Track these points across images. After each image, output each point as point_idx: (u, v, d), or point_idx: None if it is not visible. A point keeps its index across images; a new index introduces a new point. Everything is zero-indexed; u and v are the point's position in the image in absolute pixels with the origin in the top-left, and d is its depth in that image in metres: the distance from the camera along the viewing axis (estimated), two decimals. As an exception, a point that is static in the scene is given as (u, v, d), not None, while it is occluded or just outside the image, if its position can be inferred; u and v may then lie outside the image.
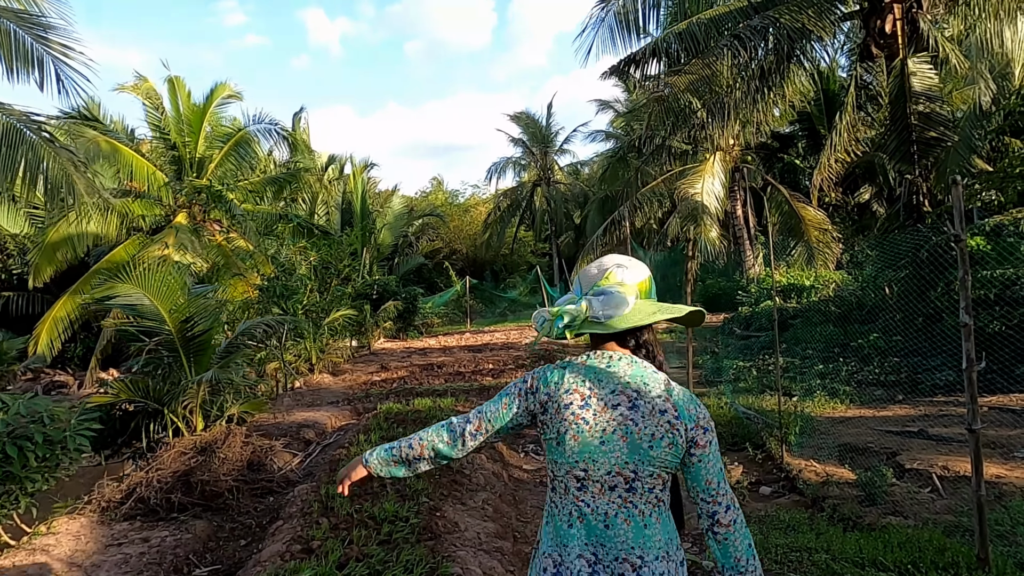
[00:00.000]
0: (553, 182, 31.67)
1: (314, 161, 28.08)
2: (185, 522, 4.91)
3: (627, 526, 1.55)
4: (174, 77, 17.81)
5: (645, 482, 1.55)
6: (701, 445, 1.56)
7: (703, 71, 10.51)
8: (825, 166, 15.51)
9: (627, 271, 1.69)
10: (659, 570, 1.53)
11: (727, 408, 7.41)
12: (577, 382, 1.62)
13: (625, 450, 1.55)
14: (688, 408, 1.58)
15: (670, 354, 11.66)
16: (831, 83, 23.89)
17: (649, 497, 1.56)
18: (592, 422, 1.58)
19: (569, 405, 1.60)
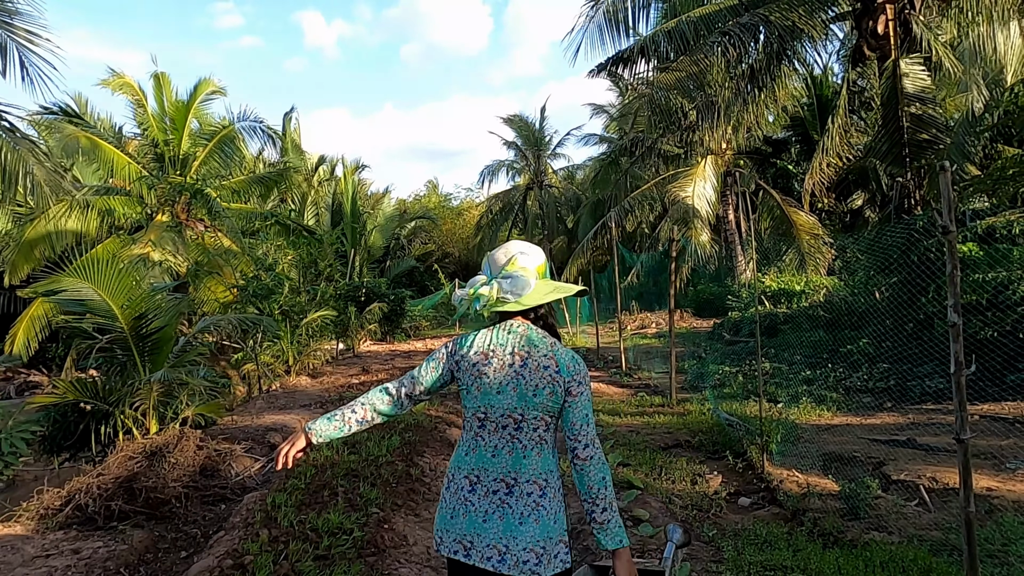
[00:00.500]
0: (546, 186, 31.41)
1: (304, 161, 27.79)
2: (123, 532, 4.58)
3: (509, 456, 1.93)
4: (159, 73, 17.52)
5: (530, 423, 1.93)
6: (574, 394, 1.94)
7: (690, 68, 10.24)
8: (817, 170, 15.29)
9: (528, 257, 2.04)
10: (528, 490, 1.90)
11: (709, 415, 7.11)
12: (483, 345, 2.00)
13: (515, 397, 1.93)
14: (568, 365, 1.95)
15: (655, 359, 11.37)
16: (825, 88, 23.68)
17: (532, 435, 1.93)
18: (492, 376, 1.96)
19: (476, 363, 1.98)
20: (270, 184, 19.18)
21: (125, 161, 16.44)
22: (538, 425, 1.94)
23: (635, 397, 8.76)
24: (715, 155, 20.10)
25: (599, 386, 9.59)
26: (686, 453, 6.15)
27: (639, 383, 9.92)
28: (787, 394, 7.93)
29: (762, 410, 5.66)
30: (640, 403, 8.31)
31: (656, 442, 6.44)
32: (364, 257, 27.88)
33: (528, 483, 1.91)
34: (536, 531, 1.88)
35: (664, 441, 6.49)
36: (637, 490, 5.07)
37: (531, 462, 1.93)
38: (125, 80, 16.64)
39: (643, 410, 7.86)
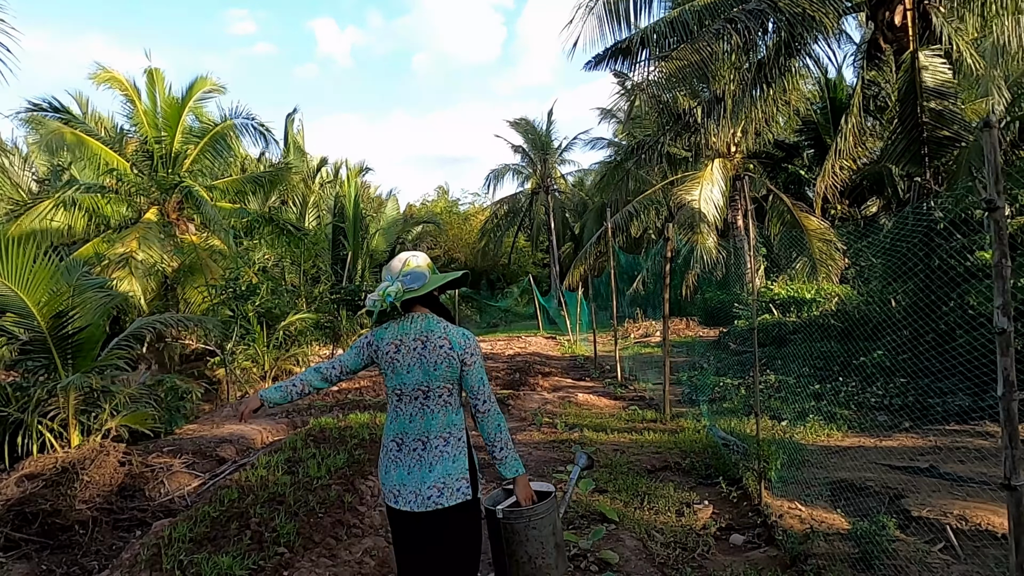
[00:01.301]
0: (553, 190, 30.70)
1: (306, 163, 27.26)
2: (2, 564, 3.90)
3: (421, 420, 2.46)
4: (153, 69, 17.00)
5: (435, 392, 2.46)
6: (468, 364, 2.47)
7: (692, 56, 9.49)
8: (829, 173, 14.47)
9: (417, 258, 2.58)
10: (435, 444, 2.44)
11: (703, 433, 6.33)
12: (393, 335, 2.50)
13: (421, 374, 2.44)
14: (459, 342, 2.47)
15: (654, 369, 10.61)
16: (838, 91, 22.83)
17: (438, 401, 2.46)
18: (402, 360, 2.46)
19: (389, 352, 2.49)
20: (265, 184, 18.61)
21: (113, 158, 15.93)
22: (442, 392, 2.45)
23: (626, 411, 8.00)
24: (723, 158, 19.31)
25: (589, 398, 8.84)
26: (675, 477, 5.39)
27: (633, 395, 9.16)
28: (793, 410, 7.14)
29: (760, 429, 4.90)
30: (631, 418, 7.55)
31: (642, 463, 5.69)
32: (366, 261, 27.25)
33: (436, 438, 2.43)
34: (439, 471, 2.39)
35: (651, 462, 5.73)
36: (611, 524, 4.32)
37: (438, 421, 2.44)
38: (113, 75, 16.14)
39: (633, 426, 7.10)
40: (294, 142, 26.71)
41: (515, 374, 11.25)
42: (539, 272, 33.55)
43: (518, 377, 10.75)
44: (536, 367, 12.16)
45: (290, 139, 26.30)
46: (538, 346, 17.72)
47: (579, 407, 8.35)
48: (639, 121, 26.08)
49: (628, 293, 23.67)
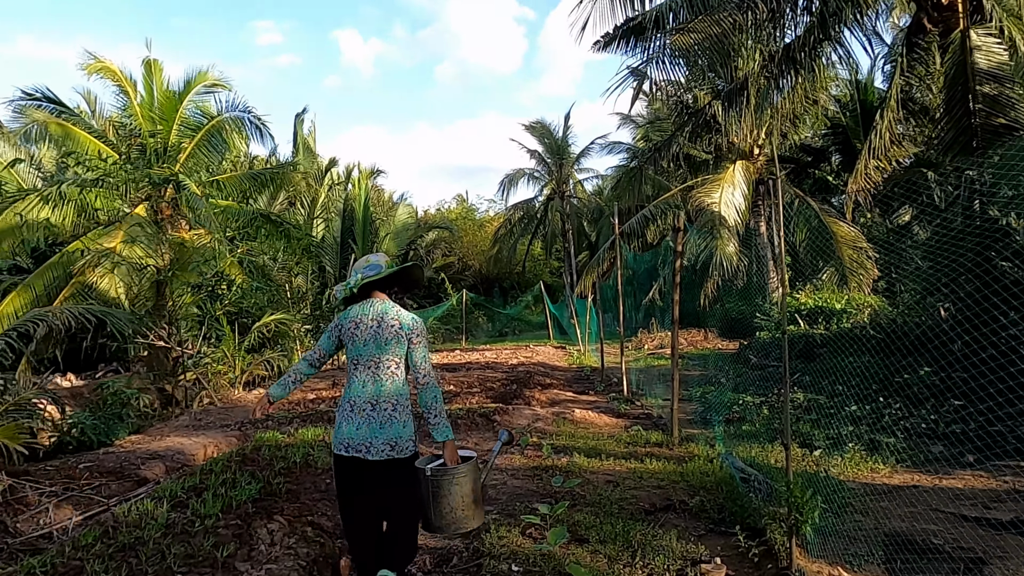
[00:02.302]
0: (568, 196, 29.55)
1: (316, 164, 26.46)
2: None
3: (373, 385, 2.94)
4: (151, 60, 16.19)
5: (385, 363, 2.95)
6: (414, 343, 2.98)
7: (711, 28, 8.34)
8: (861, 174, 13.19)
9: (378, 256, 3.18)
10: (385, 406, 2.92)
11: (717, 463, 5.14)
12: (355, 315, 3.02)
13: (374, 347, 2.95)
14: (408, 324, 2.99)
15: (656, 383, 9.41)
16: (869, 94, 21.50)
17: (387, 371, 2.95)
18: (360, 336, 2.97)
19: (350, 327, 3.00)
20: (267, 182, 17.72)
21: (103, 151, 15.13)
22: (390, 364, 2.97)
23: (628, 431, 6.81)
24: (746, 160, 18.06)
25: (587, 414, 7.67)
26: (679, 521, 4.20)
27: (639, 413, 7.97)
28: (827, 436, 5.91)
29: (791, 462, 3.71)
30: (633, 440, 6.36)
31: (640, 501, 4.51)
32: (375, 265, 26.27)
33: (385, 402, 2.94)
34: (392, 432, 2.92)
35: (651, 500, 4.55)
36: (585, 594, 3.16)
37: (386, 388, 2.95)
38: (106, 65, 15.35)
39: (634, 450, 5.92)
40: (304, 143, 25.94)
41: (511, 385, 10.11)
42: (554, 281, 32.38)
43: (513, 389, 9.61)
44: (536, 378, 11.01)
45: (299, 139, 25.54)
46: (545, 356, 16.56)
47: (574, 425, 7.19)
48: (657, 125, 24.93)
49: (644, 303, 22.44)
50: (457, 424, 7.14)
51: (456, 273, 34.16)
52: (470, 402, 8.72)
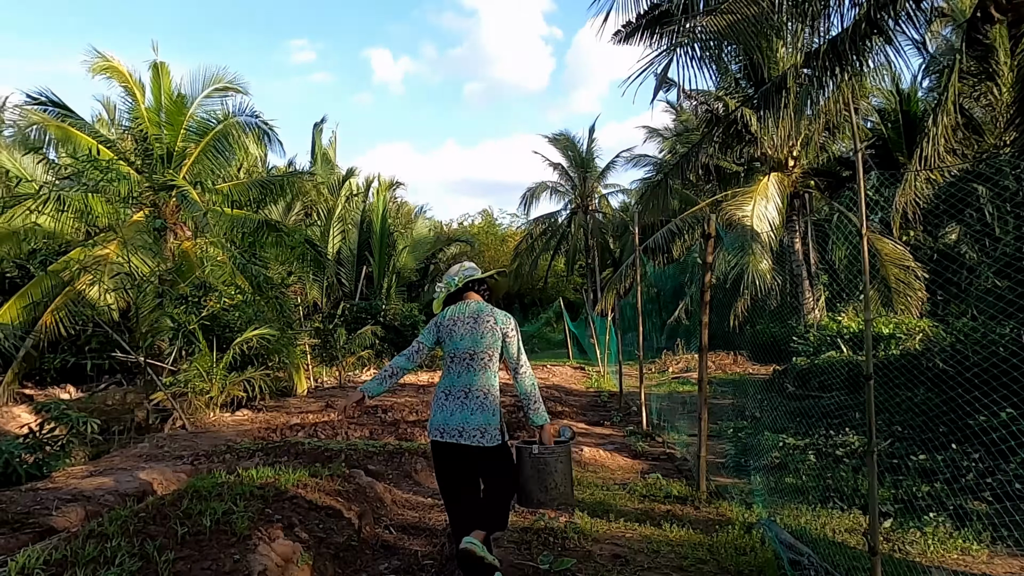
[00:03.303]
0: (592, 211, 28.44)
1: (335, 174, 25.76)
2: None
3: (468, 375, 3.27)
4: (159, 63, 15.55)
5: (479, 356, 3.27)
6: (509, 337, 3.35)
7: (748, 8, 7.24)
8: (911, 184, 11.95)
9: (471, 263, 3.65)
10: (478, 394, 3.24)
11: (756, 535, 3.96)
12: (453, 313, 3.36)
13: (470, 341, 3.27)
14: (501, 320, 3.36)
15: (680, 414, 8.21)
16: (912, 104, 20.11)
17: (480, 363, 3.27)
18: (458, 331, 3.30)
19: (448, 324, 3.34)
20: (275, 190, 16.94)
21: (106, 155, 14.46)
22: (484, 357, 3.28)
23: (646, 478, 5.64)
24: (780, 173, 16.79)
25: (598, 453, 6.51)
26: (708, 627, 3.06)
27: (659, 452, 6.79)
28: (894, 496, 4.68)
29: (877, 549, 2.54)
30: (649, 491, 5.19)
31: (655, 590, 3.37)
32: (393, 278, 25.43)
33: (477, 391, 3.24)
34: (481, 419, 3.22)
35: (670, 589, 3.41)
36: None
37: (479, 379, 3.26)
38: (113, 65, 14.73)
39: (651, 507, 4.76)
40: (322, 153, 25.27)
41: (518, 413, 8.99)
42: (576, 298, 31.20)
43: (520, 417, 8.49)
44: (547, 405, 9.84)
45: (317, 149, 24.88)
46: (562, 377, 15.40)
47: (582, 467, 6.05)
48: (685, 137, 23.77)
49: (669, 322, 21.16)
50: (444, 463, 6.05)
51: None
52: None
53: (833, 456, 5.67)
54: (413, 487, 5.64)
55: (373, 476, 5.76)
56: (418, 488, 5.60)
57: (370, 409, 9.33)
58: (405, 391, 12.42)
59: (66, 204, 14.25)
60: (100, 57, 14.53)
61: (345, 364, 13.44)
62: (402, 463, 5.99)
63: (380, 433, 7.67)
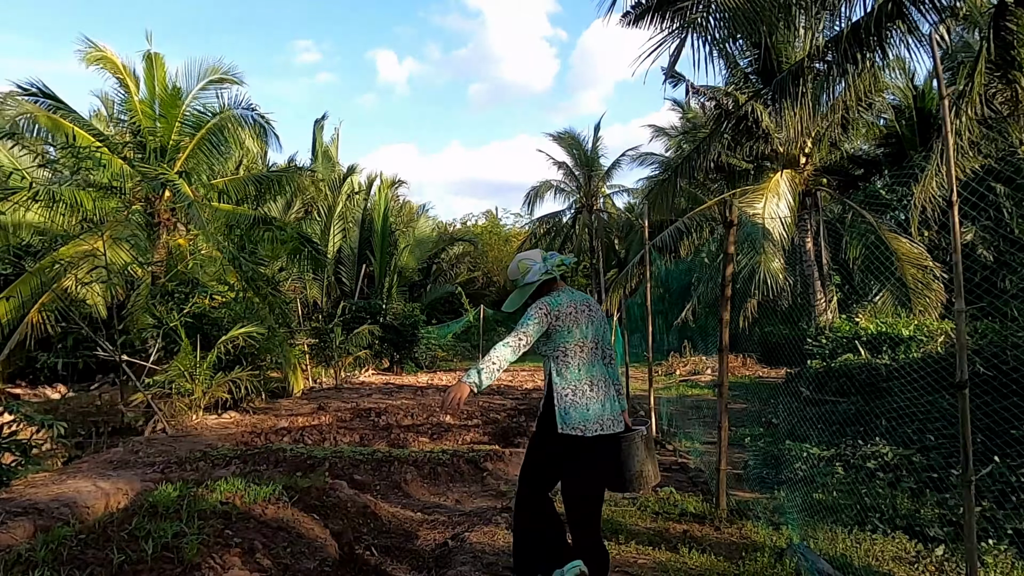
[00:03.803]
0: (597, 211, 27.89)
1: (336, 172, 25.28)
2: None
3: (595, 365, 3.08)
4: (153, 54, 15.08)
5: (600, 344, 3.15)
6: (608, 326, 3.27)
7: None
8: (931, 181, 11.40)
9: (529, 251, 3.31)
10: (612, 383, 3.16)
11: (789, 565, 3.41)
12: (569, 300, 3.06)
13: (592, 330, 3.09)
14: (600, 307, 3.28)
15: (693, 420, 7.67)
16: (927, 101, 19.56)
17: (598, 352, 3.12)
18: (581, 320, 3.05)
19: (570, 312, 3.03)
20: (272, 186, 16.47)
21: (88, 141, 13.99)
22: (600, 344, 3.15)
23: (657, 492, 5.10)
24: (791, 170, 16.23)
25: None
26: None
27: (671, 461, 6.25)
28: (941, 518, 4.14)
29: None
30: (663, 508, 4.65)
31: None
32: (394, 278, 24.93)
33: (603, 378, 3.10)
34: (618, 406, 3.13)
35: (692, 631, 2.88)
36: None
37: (600, 367, 3.12)
38: (105, 55, 14.28)
39: (665, 527, 4.22)
40: (323, 150, 24.80)
41: (519, 417, 8.48)
42: (581, 299, 30.63)
43: (520, 422, 7.98)
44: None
45: (318, 145, 24.41)
46: (566, 379, 14.84)
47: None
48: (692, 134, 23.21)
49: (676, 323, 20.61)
50: (436, 472, 5.53)
51: (480, 288, 32.69)
52: (463, 439, 7.11)
53: (864, 469, 5.13)
54: (402, 500, 5.12)
55: (358, 487, 5.25)
56: (407, 501, 5.09)
57: (363, 412, 8.82)
58: (403, 392, 11.91)
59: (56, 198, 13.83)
60: (93, 47, 14.08)
61: (342, 364, 12.92)
62: (391, 473, 5.47)
63: (371, 438, 7.16)
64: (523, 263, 3.16)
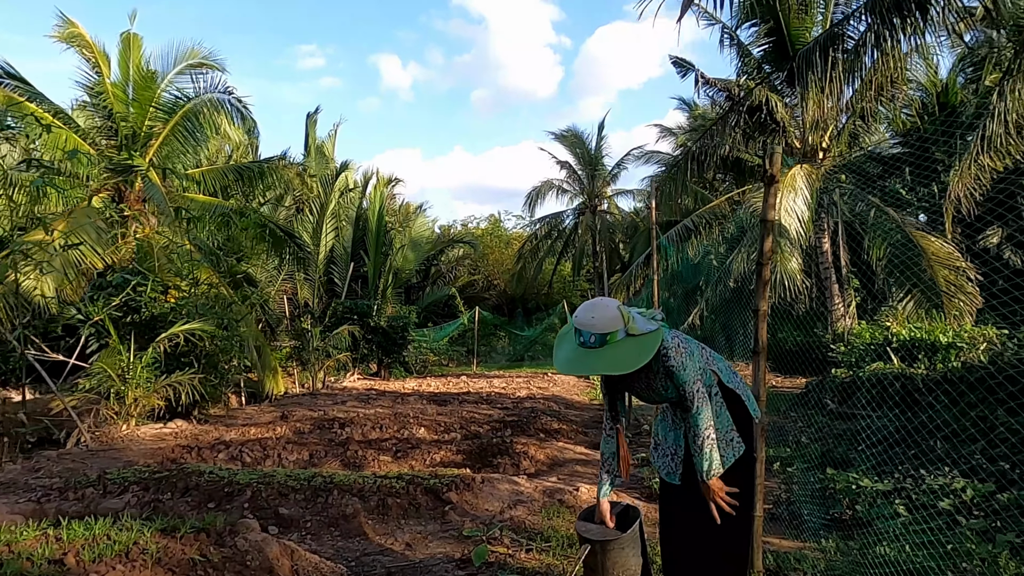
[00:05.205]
0: (600, 212, 26.71)
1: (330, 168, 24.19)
2: None
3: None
4: (131, 34, 14.02)
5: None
6: None
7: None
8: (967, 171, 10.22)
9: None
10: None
11: None
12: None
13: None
14: None
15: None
16: (951, 95, 18.34)
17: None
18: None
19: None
20: (253, 178, 15.36)
21: (63, 133, 12.94)
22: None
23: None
24: (808, 166, 15.02)
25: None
26: None
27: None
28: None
29: None
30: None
31: None
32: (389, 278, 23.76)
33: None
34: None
35: None
36: None
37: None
38: (78, 31, 13.23)
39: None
40: (317, 145, 23.72)
41: (504, 431, 7.28)
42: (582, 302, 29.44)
43: (503, 438, 6.78)
44: (542, 420, 8.14)
45: (311, 140, 23.33)
46: (564, 387, 13.67)
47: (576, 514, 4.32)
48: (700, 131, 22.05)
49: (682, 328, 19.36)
50: (386, 504, 4.35)
51: (479, 292, 31.54)
52: (432, 458, 5.92)
53: (935, 509, 3.91)
54: (337, 542, 3.94)
55: (283, 524, 4.07)
56: (342, 545, 3.90)
57: (326, 423, 7.64)
58: (382, 399, 10.73)
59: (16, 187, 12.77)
60: (67, 23, 13.06)
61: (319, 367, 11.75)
62: (329, 504, 4.28)
63: (323, 455, 5.97)
64: (620, 309, 2.44)
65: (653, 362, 2.42)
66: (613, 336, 2.34)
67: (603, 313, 2.38)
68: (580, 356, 2.37)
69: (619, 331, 2.35)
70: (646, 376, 2.51)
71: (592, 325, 2.34)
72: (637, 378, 2.54)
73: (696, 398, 2.39)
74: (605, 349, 2.34)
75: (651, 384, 2.53)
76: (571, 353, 2.42)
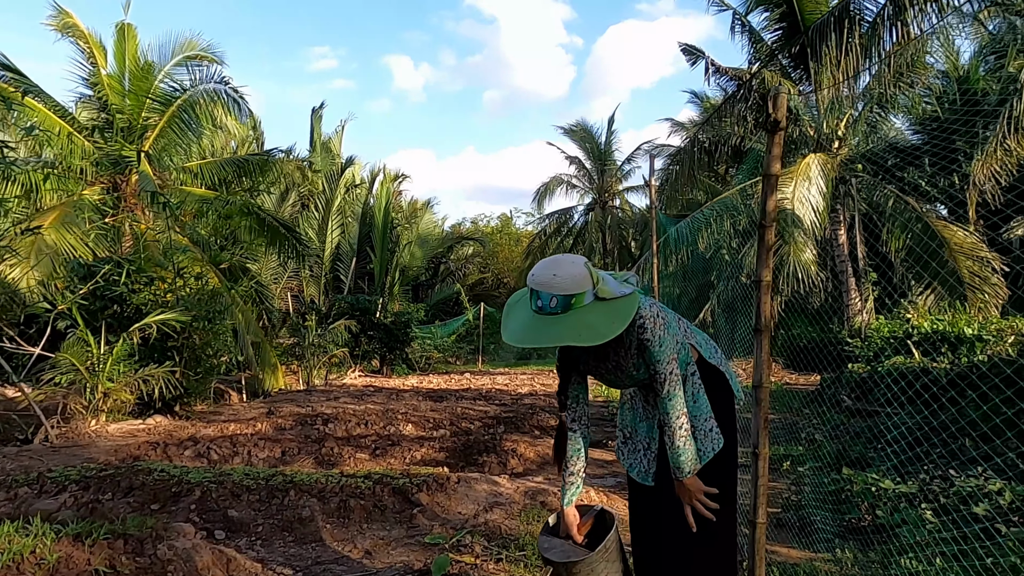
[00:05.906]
0: (610, 207, 26.18)
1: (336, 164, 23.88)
2: None
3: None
4: (126, 24, 13.78)
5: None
6: None
7: None
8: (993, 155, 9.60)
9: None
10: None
11: None
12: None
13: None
14: None
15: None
16: (973, 81, 17.60)
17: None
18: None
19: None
20: (251, 171, 15.03)
21: (56, 124, 12.67)
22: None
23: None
24: (823, 154, 14.40)
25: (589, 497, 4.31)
26: None
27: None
28: None
29: None
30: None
31: None
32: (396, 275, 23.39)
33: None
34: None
35: None
36: None
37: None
38: (73, 21, 12.99)
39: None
40: (322, 141, 23.41)
41: (496, 427, 6.83)
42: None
43: (493, 435, 6.32)
44: (537, 417, 7.68)
45: (316, 136, 23.02)
46: (569, 384, 13.13)
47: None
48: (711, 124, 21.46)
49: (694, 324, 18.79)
50: (348, 506, 3.91)
51: (488, 289, 31.14)
52: (410, 456, 5.48)
53: (970, 514, 3.40)
54: (289, 548, 3.50)
55: (231, 528, 3.64)
56: (293, 553, 3.46)
57: (308, 419, 7.22)
58: (377, 396, 10.31)
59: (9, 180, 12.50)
60: (61, 12, 12.82)
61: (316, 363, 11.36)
62: (284, 507, 3.85)
63: (296, 453, 5.55)
64: (588, 267, 1.92)
65: (626, 334, 1.95)
66: (579, 299, 1.86)
67: (567, 270, 1.88)
68: (537, 324, 1.87)
69: (587, 293, 1.87)
70: (615, 352, 2.03)
71: (552, 285, 1.85)
72: (605, 354, 2.05)
73: (668, 381, 1.95)
74: (570, 315, 1.85)
75: (621, 363, 2.04)
76: (527, 320, 1.91)
